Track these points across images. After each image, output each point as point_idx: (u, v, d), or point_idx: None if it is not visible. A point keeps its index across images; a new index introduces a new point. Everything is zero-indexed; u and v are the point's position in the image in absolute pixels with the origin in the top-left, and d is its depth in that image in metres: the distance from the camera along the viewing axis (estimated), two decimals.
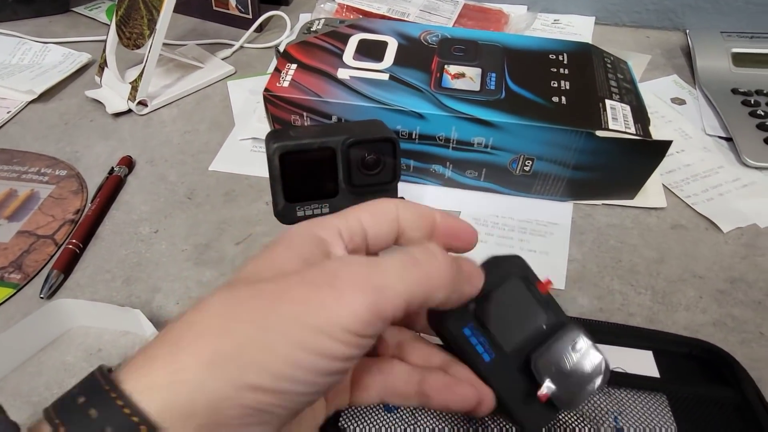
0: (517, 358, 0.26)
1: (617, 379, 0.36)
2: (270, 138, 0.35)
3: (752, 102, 0.59)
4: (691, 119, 0.60)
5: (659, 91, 0.64)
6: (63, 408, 0.19)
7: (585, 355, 0.27)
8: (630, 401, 0.36)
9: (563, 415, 0.34)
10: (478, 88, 0.47)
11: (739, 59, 0.65)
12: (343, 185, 0.37)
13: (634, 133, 0.44)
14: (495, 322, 0.26)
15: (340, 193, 0.37)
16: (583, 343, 0.27)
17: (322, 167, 0.36)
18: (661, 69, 0.68)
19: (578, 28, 0.74)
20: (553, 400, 0.25)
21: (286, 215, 0.37)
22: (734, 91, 0.61)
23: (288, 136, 0.35)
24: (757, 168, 0.54)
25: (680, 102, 0.63)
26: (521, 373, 0.26)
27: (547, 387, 0.26)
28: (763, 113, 0.58)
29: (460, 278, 0.23)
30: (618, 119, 0.45)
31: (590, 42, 0.72)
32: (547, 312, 0.28)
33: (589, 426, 0.34)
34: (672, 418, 0.35)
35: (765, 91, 0.61)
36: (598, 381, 0.26)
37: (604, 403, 0.35)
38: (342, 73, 0.48)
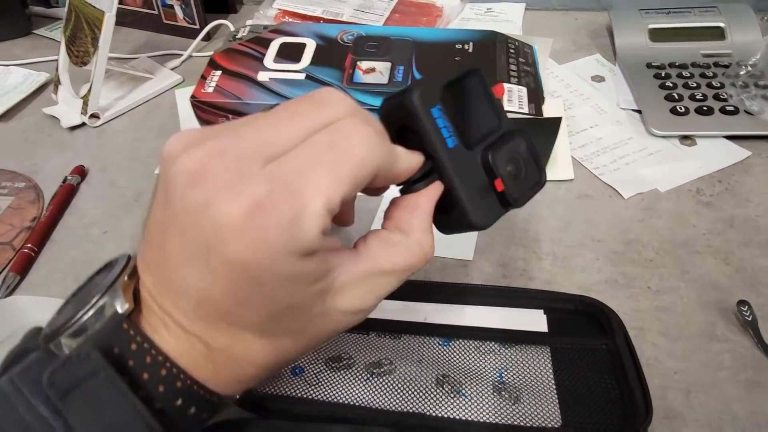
0: (475, 152, 0.28)
1: (508, 337, 0.41)
2: None
3: (663, 75, 0.63)
4: (607, 95, 0.64)
5: (581, 71, 0.68)
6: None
7: (530, 162, 0.30)
8: (516, 356, 0.39)
9: (455, 374, 0.38)
10: (386, 81, 0.51)
11: (656, 34, 0.68)
12: None
13: (527, 112, 0.48)
14: (457, 112, 0.27)
15: None
16: (530, 151, 0.30)
17: None
18: (585, 49, 0.72)
19: (510, 15, 0.78)
20: (506, 194, 0.28)
21: None
22: (648, 65, 0.65)
23: None
24: (663, 137, 0.57)
25: (600, 79, 0.67)
26: (478, 167, 0.27)
27: (503, 178, 0.28)
28: (671, 84, 0.61)
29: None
30: (513, 101, 0.49)
31: (520, 27, 0.76)
32: (500, 116, 0.29)
33: (476, 382, 0.38)
34: (551, 367, 0.39)
35: (677, 63, 0.64)
36: (538, 188, 0.31)
37: (492, 361, 0.39)
38: (262, 76, 0.52)
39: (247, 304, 0.22)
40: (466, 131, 0.27)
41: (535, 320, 0.42)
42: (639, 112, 0.61)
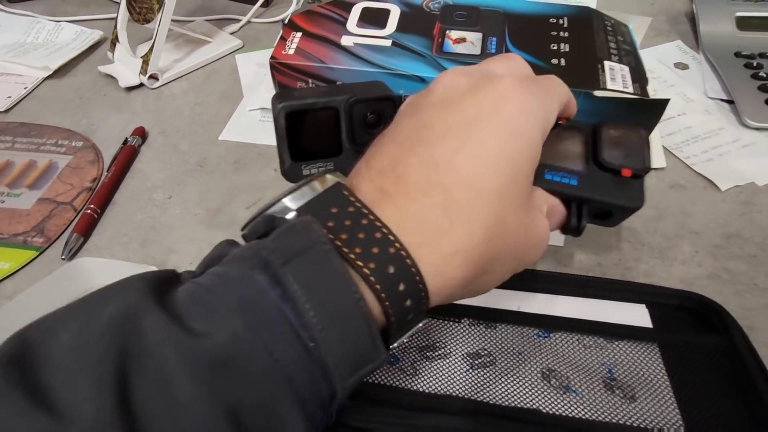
0: (592, 169, 0.34)
1: (612, 331, 0.38)
2: (276, 98, 0.37)
3: (755, 65, 0.60)
4: (693, 83, 0.61)
5: (663, 57, 0.65)
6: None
7: (624, 132, 0.35)
8: (623, 352, 0.37)
9: (561, 368, 0.36)
10: (478, 52, 0.48)
11: (744, 23, 0.65)
12: (346, 144, 0.38)
13: (632, 92, 0.45)
14: (556, 159, 0.34)
15: (343, 152, 0.39)
16: (615, 128, 0.35)
17: (326, 126, 0.37)
18: (665, 35, 0.68)
19: None
20: (635, 172, 0.33)
21: (292, 174, 0.39)
22: (737, 55, 0.61)
23: (293, 96, 0.37)
24: (757, 129, 0.54)
25: (683, 67, 0.63)
26: (603, 176, 0.34)
27: (627, 164, 0.33)
28: (765, 75, 0.58)
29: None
30: (616, 79, 0.46)
31: (594, 7, 0.72)
32: (575, 129, 0.35)
33: (585, 377, 0.35)
34: (663, 366, 0.36)
35: None
36: (645, 136, 0.35)
37: (599, 356, 0.37)
38: (346, 40, 0.49)
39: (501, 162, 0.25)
40: (571, 161, 0.34)
41: (637, 315, 0.39)
42: (728, 102, 0.58)
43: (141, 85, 0.62)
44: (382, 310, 0.22)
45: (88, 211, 0.47)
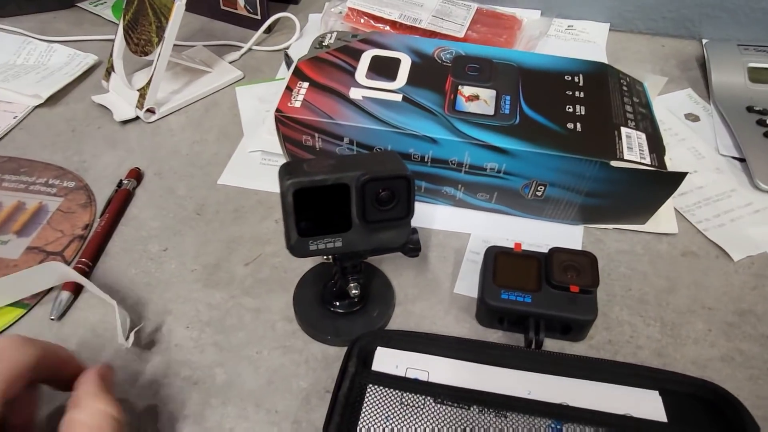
0: (545, 289, 0.41)
1: (626, 425, 0.36)
2: (284, 173, 0.35)
3: (767, 122, 0.59)
4: (704, 137, 0.59)
5: (673, 107, 0.63)
6: None
7: (573, 256, 0.42)
8: None
9: None
10: (492, 113, 0.46)
11: (756, 74, 0.64)
12: (356, 220, 0.36)
13: (649, 163, 0.43)
14: (513, 282, 0.41)
15: (353, 228, 0.37)
16: (565, 252, 0.43)
17: (336, 202, 0.36)
18: (675, 81, 0.67)
19: (592, 35, 0.73)
20: (583, 288, 0.40)
21: (298, 249, 0.37)
22: (749, 109, 0.60)
23: (302, 170, 0.35)
24: None
25: (694, 118, 0.62)
26: (555, 293, 0.41)
27: (575, 282, 0.40)
28: None
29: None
30: (633, 148, 0.44)
31: (604, 49, 0.71)
32: (530, 257, 0.43)
33: None
34: None
35: None
36: (593, 259, 0.42)
37: None
38: (354, 93, 0.47)
39: None
40: (525, 282, 0.42)
41: (650, 403, 0.38)
42: (740, 160, 0.57)
43: (136, 117, 0.60)
44: None
45: (79, 265, 0.45)
